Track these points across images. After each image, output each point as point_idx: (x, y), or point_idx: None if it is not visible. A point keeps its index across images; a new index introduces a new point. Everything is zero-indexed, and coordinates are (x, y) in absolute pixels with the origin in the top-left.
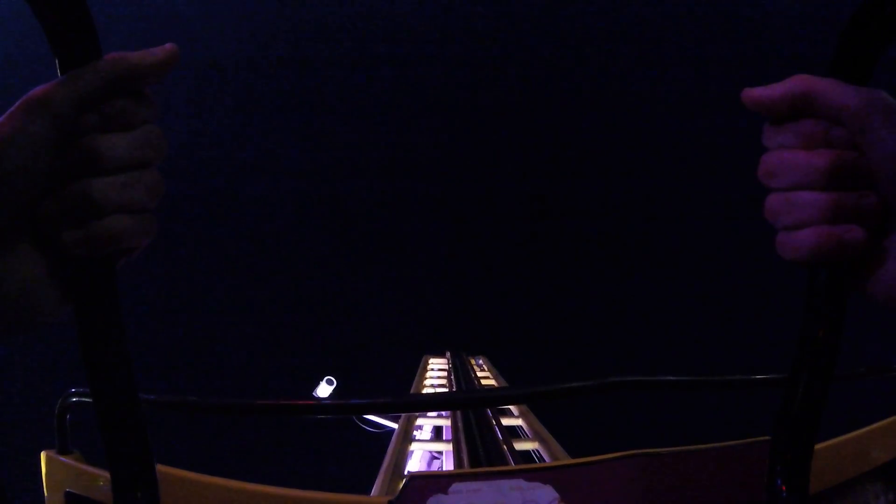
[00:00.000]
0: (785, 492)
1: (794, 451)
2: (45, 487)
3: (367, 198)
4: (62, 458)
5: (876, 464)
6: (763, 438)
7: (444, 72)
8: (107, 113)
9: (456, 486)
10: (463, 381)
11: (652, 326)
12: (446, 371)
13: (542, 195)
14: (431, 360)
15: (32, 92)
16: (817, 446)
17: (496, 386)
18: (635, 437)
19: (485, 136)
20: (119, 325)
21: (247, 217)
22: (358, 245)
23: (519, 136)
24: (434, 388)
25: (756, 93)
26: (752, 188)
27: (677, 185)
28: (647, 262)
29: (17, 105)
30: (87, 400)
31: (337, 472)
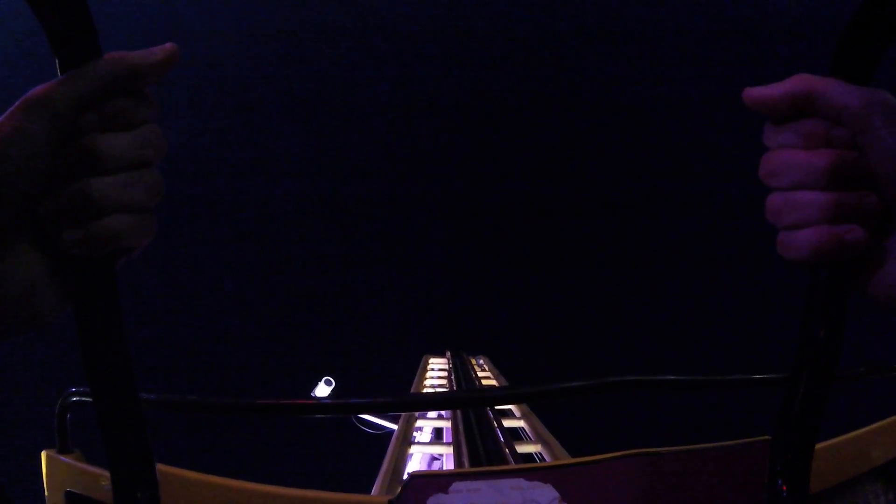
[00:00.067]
0: (785, 492)
1: (794, 451)
2: (45, 487)
3: (367, 197)
4: (62, 458)
5: (876, 464)
6: (763, 438)
7: (445, 71)
8: (107, 112)
9: (456, 486)
10: (464, 381)
11: (652, 326)
12: (447, 371)
13: (543, 195)
14: (431, 359)
15: (32, 91)
16: (817, 446)
17: (496, 385)
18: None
19: (485, 135)
20: (119, 324)
21: (246, 217)
22: (357, 244)
23: (519, 135)
24: (434, 389)
25: (757, 92)
26: (753, 188)
27: (678, 184)
28: (647, 262)
29: (16, 105)
30: (88, 399)
31: (337, 472)
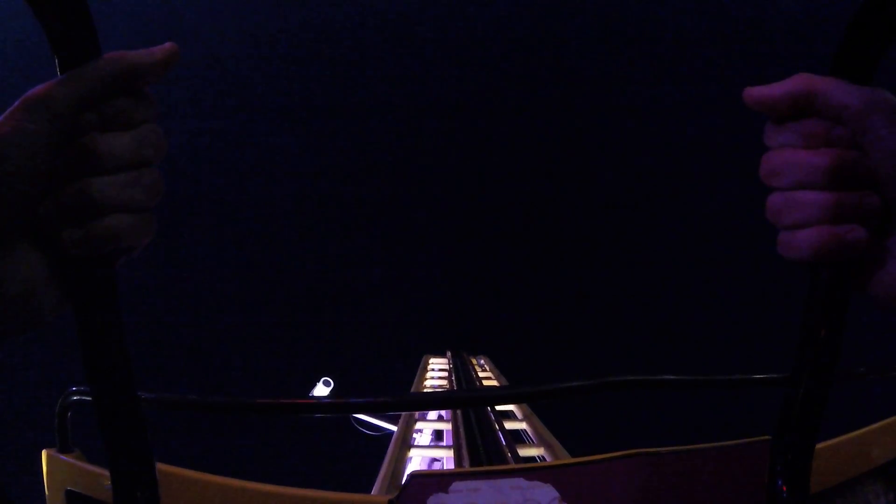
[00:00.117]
0: (785, 492)
1: (794, 451)
2: (45, 486)
3: (367, 197)
4: (63, 457)
5: (876, 464)
6: (763, 438)
7: (445, 72)
8: (106, 112)
9: (456, 485)
10: (464, 381)
11: (652, 326)
12: (447, 371)
13: (543, 195)
14: (432, 359)
15: (32, 91)
16: (817, 446)
17: (496, 385)
18: (635, 437)
19: (486, 136)
20: (119, 324)
21: (246, 217)
22: (357, 244)
23: (520, 136)
24: (434, 389)
25: (758, 92)
26: (754, 188)
27: (678, 184)
28: (647, 262)
29: (16, 104)
30: (88, 399)
31: (337, 472)
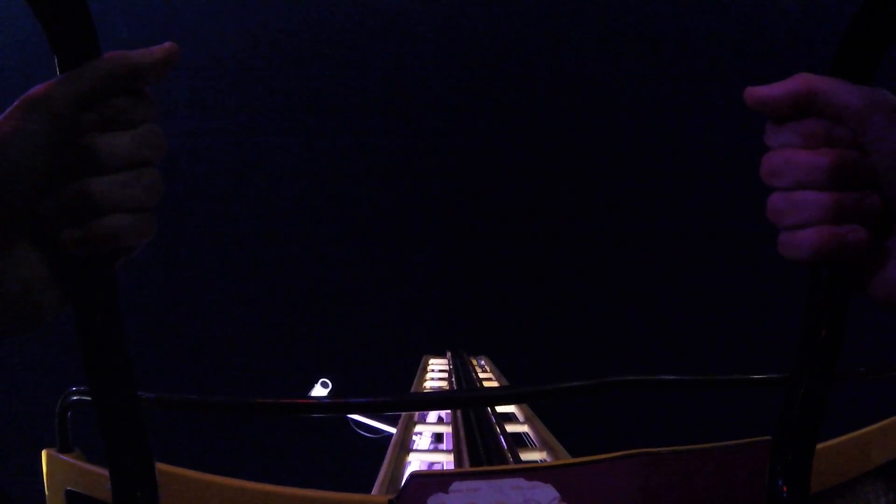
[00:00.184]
0: (786, 492)
1: (794, 451)
2: (45, 486)
3: (367, 197)
4: (63, 457)
5: (876, 464)
6: (763, 438)
7: (445, 72)
8: (106, 112)
9: (456, 485)
10: (464, 381)
11: (651, 326)
12: (447, 372)
13: (544, 195)
14: (432, 360)
15: (31, 91)
16: (818, 446)
17: (496, 385)
18: (635, 437)
19: (486, 136)
20: (119, 324)
21: (246, 217)
22: (357, 244)
23: (520, 136)
24: (434, 390)
25: (758, 91)
26: (754, 188)
27: (679, 185)
28: (647, 262)
29: (15, 104)
30: (88, 399)
31: (337, 472)
